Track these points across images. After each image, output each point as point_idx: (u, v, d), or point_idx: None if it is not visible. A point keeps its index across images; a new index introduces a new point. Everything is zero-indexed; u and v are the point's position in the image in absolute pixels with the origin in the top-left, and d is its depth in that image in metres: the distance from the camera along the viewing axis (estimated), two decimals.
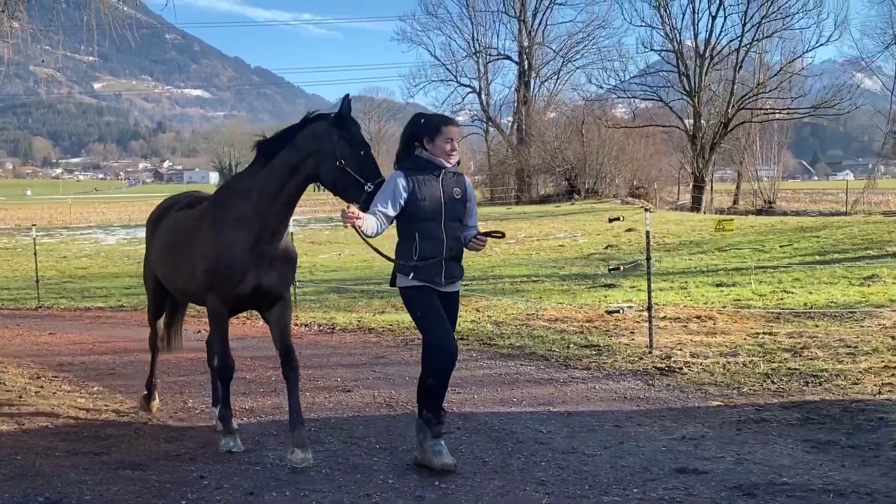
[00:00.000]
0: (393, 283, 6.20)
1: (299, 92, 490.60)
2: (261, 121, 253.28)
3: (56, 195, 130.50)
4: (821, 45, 63.14)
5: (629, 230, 30.95)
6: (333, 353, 8.30)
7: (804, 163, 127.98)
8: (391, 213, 5.96)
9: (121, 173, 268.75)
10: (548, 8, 54.51)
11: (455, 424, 7.36)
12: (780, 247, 24.19)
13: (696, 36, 45.38)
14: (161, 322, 8.12)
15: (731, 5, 44.43)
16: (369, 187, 5.99)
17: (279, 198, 6.32)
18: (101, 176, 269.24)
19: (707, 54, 44.60)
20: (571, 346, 11.08)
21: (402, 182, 5.97)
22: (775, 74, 44.25)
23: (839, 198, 45.93)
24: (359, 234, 5.88)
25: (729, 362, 9.85)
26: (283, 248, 6.51)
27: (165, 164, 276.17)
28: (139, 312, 14.73)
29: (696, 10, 45.09)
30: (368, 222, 5.84)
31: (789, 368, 9.43)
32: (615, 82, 49.55)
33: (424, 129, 6.06)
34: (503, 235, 6.60)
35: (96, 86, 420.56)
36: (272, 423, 7.55)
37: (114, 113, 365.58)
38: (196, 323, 13.41)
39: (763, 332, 11.62)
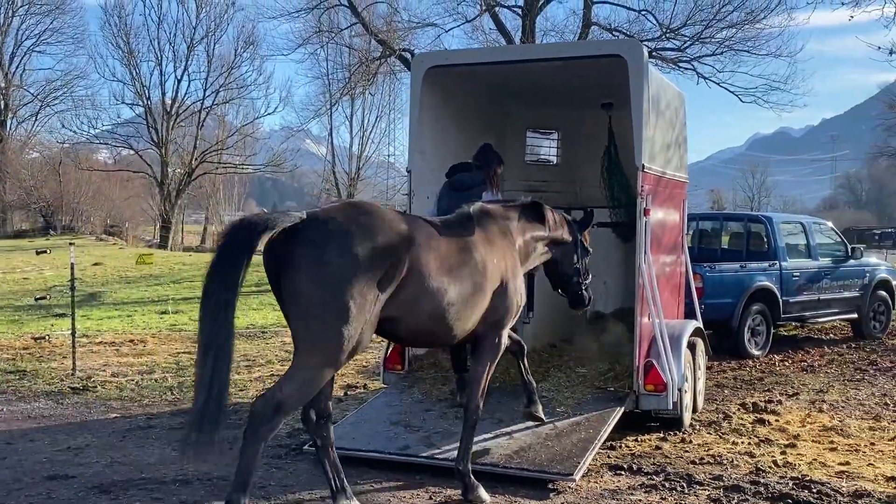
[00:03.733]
0: None
1: None
2: None
3: None
4: (269, 113, 66.76)
5: (96, 264, 29.43)
6: None
7: (265, 210, 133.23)
8: None
9: None
10: (26, 53, 49.79)
11: None
12: None
13: (164, 95, 45.01)
14: None
15: (194, 72, 44.99)
16: (586, 287, 6.35)
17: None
18: None
19: (174, 112, 44.44)
20: None
21: None
22: (232, 134, 45.77)
23: None
24: None
25: (143, 379, 9.77)
26: None
27: None
28: None
29: (164, 73, 44.77)
30: None
31: (194, 381, 9.59)
32: (90, 130, 46.72)
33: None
34: None
35: None
36: None
37: None
38: None
39: (184, 352, 11.73)
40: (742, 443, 6.88)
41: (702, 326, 8.30)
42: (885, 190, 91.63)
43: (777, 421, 7.66)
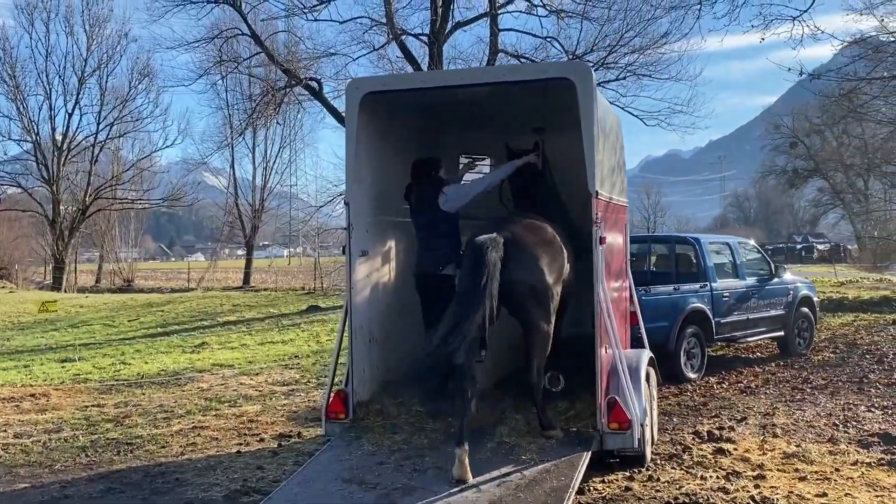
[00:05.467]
0: None
1: None
2: None
3: None
4: (167, 146, 65.02)
5: None
6: None
7: (163, 246, 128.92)
8: None
9: None
10: None
11: None
12: (129, 321, 23.43)
13: (53, 130, 42.80)
14: None
15: (86, 106, 43.01)
16: None
17: None
18: None
19: (65, 147, 42.30)
20: None
21: None
22: (127, 169, 43.94)
23: (189, 276, 46.70)
24: None
25: (51, 439, 8.85)
26: None
27: None
28: None
29: (53, 107, 42.61)
30: None
31: (108, 439, 8.76)
32: None
33: None
34: None
35: None
36: None
37: None
38: None
39: (93, 405, 10.78)
40: (710, 477, 6.59)
41: (652, 355, 8.02)
42: (772, 206, 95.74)
43: (736, 450, 7.43)
